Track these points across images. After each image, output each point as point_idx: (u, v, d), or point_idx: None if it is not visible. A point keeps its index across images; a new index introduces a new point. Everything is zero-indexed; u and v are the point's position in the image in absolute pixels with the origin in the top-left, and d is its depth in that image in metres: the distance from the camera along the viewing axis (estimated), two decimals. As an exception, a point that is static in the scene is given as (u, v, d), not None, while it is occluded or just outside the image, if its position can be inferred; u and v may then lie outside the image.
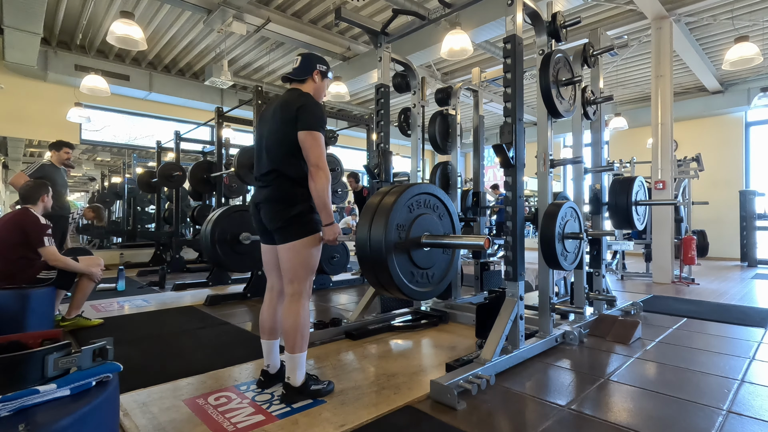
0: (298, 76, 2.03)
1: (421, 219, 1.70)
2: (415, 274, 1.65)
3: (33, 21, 5.35)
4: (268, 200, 1.94)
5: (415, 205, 1.70)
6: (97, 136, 8.01)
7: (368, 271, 1.62)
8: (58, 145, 4.51)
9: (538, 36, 2.83)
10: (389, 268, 1.56)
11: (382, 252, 1.54)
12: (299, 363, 1.92)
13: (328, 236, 1.92)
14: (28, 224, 2.87)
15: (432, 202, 1.78)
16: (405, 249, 1.61)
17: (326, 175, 1.87)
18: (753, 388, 2.14)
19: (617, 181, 3.43)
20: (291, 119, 1.89)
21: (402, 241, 1.60)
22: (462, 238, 1.68)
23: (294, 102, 1.92)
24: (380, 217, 1.61)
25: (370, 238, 1.59)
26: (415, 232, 1.67)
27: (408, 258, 1.63)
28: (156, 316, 3.72)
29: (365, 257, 1.60)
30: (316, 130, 1.88)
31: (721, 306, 4.13)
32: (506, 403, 1.97)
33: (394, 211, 1.61)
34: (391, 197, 1.66)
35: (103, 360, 1.22)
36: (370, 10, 5.97)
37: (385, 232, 1.57)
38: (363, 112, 10.36)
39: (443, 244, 1.66)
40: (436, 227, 1.76)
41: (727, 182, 8.78)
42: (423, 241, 1.66)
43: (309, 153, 1.88)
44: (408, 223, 1.64)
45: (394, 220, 1.60)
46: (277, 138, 1.94)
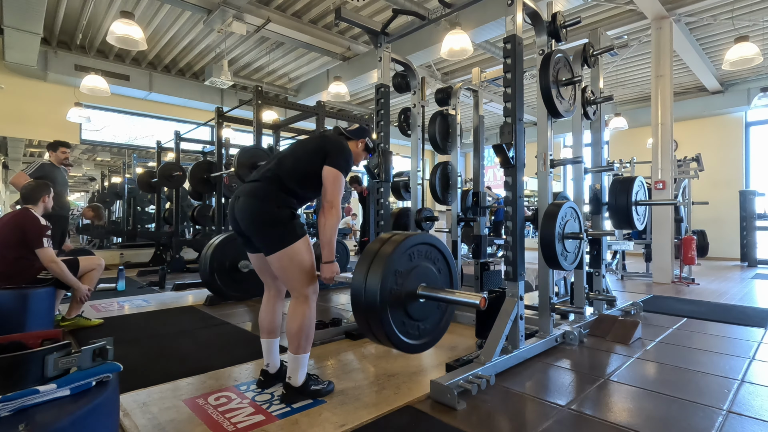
0: (349, 134, 2.22)
1: (419, 269, 1.64)
2: (407, 324, 1.56)
3: (33, 21, 5.35)
4: (249, 194, 1.91)
5: (415, 255, 1.64)
6: (97, 136, 8.01)
7: (361, 319, 1.56)
8: (55, 145, 4.52)
9: (538, 36, 2.82)
10: (382, 318, 1.49)
11: (377, 301, 1.47)
12: (302, 364, 1.92)
13: (326, 274, 1.93)
14: (27, 224, 2.87)
15: (433, 254, 1.71)
16: (400, 299, 1.54)
17: (338, 215, 1.90)
18: (753, 388, 2.14)
19: (617, 181, 3.43)
20: (322, 152, 1.97)
21: (398, 290, 1.53)
22: (458, 295, 1.57)
23: (333, 141, 2.04)
24: (378, 264, 1.55)
25: (366, 286, 1.51)
26: (411, 282, 1.61)
27: (402, 309, 1.56)
28: (156, 316, 3.72)
29: (359, 305, 1.53)
30: (341, 171, 1.95)
31: (721, 306, 4.13)
32: (506, 403, 1.97)
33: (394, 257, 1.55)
34: (392, 245, 1.60)
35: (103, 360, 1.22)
36: (370, 10, 5.97)
37: (382, 280, 1.50)
38: (363, 112, 10.35)
39: (439, 298, 1.58)
40: (434, 279, 1.69)
41: (727, 182, 8.78)
42: (419, 292, 1.60)
43: (328, 189, 1.92)
44: (406, 271, 1.57)
45: (393, 266, 1.54)
46: (297, 159, 1.99)
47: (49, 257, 2.89)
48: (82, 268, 3.17)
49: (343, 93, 6.40)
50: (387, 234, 1.71)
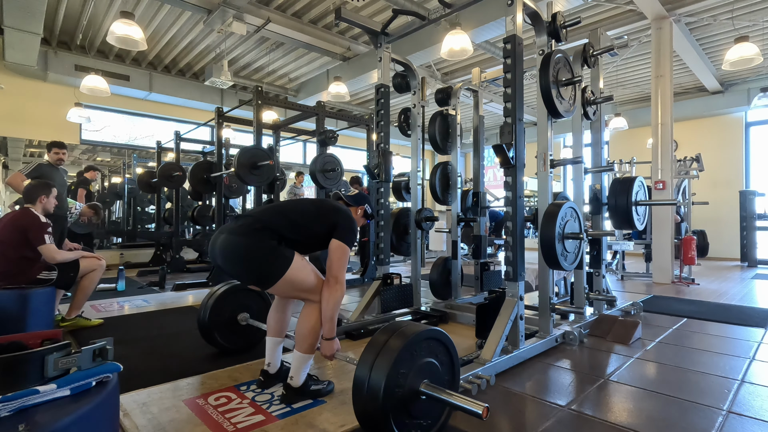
0: (349, 201, 2.23)
1: (423, 364, 1.58)
2: (408, 425, 1.52)
3: (33, 21, 5.35)
4: (232, 231, 1.83)
5: (419, 350, 1.58)
6: (97, 136, 8.01)
7: (362, 414, 1.53)
8: (49, 146, 4.53)
9: (538, 36, 2.83)
10: (385, 420, 1.44)
11: (379, 402, 1.43)
12: (306, 364, 1.93)
13: (326, 351, 1.91)
14: (27, 223, 2.88)
15: (436, 348, 1.65)
16: (402, 398, 1.50)
17: (342, 291, 1.89)
18: (753, 388, 2.14)
19: (617, 181, 3.43)
20: (332, 221, 1.96)
21: (400, 390, 1.49)
22: (459, 400, 1.50)
23: (344, 213, 2.03)
24: (385, 359, 1.49)
25: (369, 381, 1.47)
26: (415, 379, 1.54)
27: (404, 408, 1.51)
28: (156, 316, 3.72)
29: (360, 399, 1.52)
30: (348, 245, 1.95)
31: (721, 306, 4.13)
32: (506, 403, 1.97)
33: (399, 357, 1.49)
34: (398, 341, 1.53)
35: (103, 360, 1.22)
36: (370, 10, 5.97)
37: (387, 378, 1.45)
38: (363, 112, 10.35)
39: (440, 399, 1.53)
40: (437, 375, 1.63)
41: (727, 182, 8.78)
42: (421, 389, 1.54)
43: (333, 263, 1.89)
44: (409, 370, 1.52)
45: (398, 368, 1.49)
46: (302, 214, 1.96)
47: (53, 253, 2.94)
48: (83, 268, 3.16)
49: (343, 93, 6.40)
50: (394, 325, 1.64)
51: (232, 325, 2.59)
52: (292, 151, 10.63)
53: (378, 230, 3.45)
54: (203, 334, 2.56)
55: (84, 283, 3.21)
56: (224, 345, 2.59)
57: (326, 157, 5.37)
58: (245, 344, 2.66)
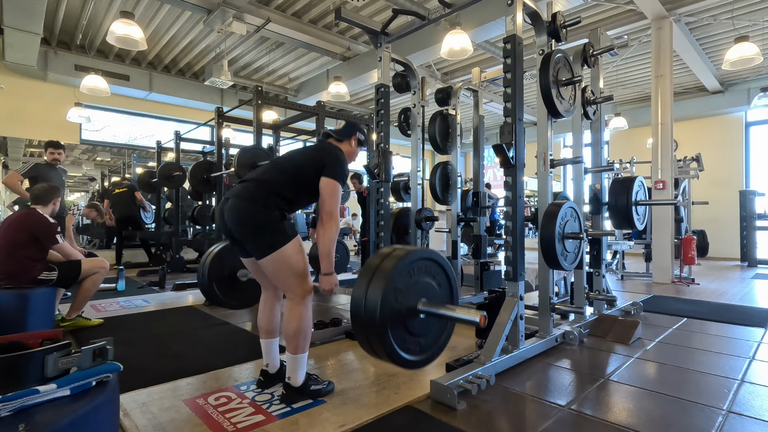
0: (338, 135, 2.15)
1: (419, 284, 1.61)
2: (407, 341, 1.55)
3: (33, 21, 5.35)
4: (237, 195, 1.88)
5: (416, 270, 1.61)
6: (97, 136, 8.01)
7: (360, 335, 1.55)
8: (45, 146, 4.55)
9: (538, 36, 2.82)
10: (382, 335, 1.48)
11: (376, 318, 1.46)
12: (301, 364, 1.92)
13: (325, 286, 1.92)
14: (37, 225, 2.90)
15: (433, 269, 1.68)
16: (400, 315, 1.53)
17: (337, 227, 1.89)
18: (753, 388, 2.14)
19: (617, 181, 3.43)
20: (318, 161, 1.95)
21: (398, 305, 1.51)
22: (458, 311, 1.55)
23: (327, 149, 2.02)
24: (379, 279, 1.53)
25: (366, 301, 1.50)
26: (412, 298, 1.59)
27: (402, 325, 1.55)
28: (156, 316, 3.72)
29: (359, 320, 1.52)
30: (338, 181, 1.94)
31: (721, 306, 4.12)
32: (506, 403, 1.97)
33: (394, 275, 1.53)
34: (392, 260, 1.57)
35: (103, 360, 1.22)
36: (370, 10, 5.97)
37: (383, 297, 1.49)
38: (363, 112, 10.36)
39: (439, 314, 1.54)
40: (435, 294, 1.67)
41: (727, 182, 8.78)
42: (419, 308, 1.58)
43: (326, 200, 1.91)
44: (406, 287, 1.55)
45: (394, 284, 1.52)
46: (294, 167, 1.97)
47: (67, 250, 3.04)
48: (85, 270, 3.14)
49: (343, 93, 6.40)
50: (387, 249, 1.67)
51: (233, 282, 2.58)
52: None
53: (378, 230, 3.45)
54: (204, 293, 2.55)
55: (86, 285, 3.20)
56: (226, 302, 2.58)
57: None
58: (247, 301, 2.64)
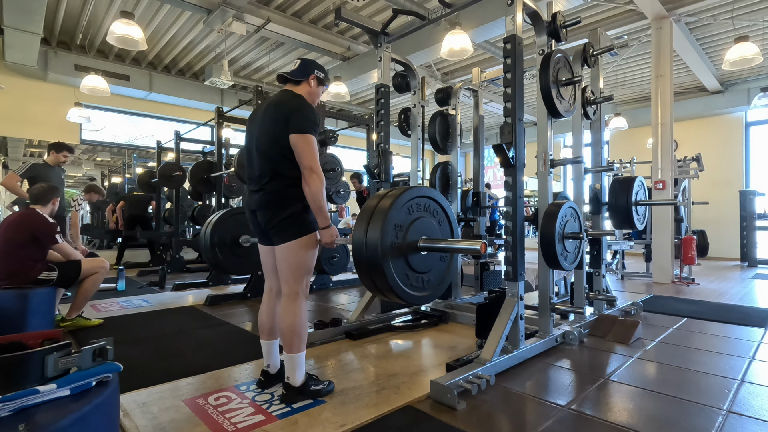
0: (294, 77, 2.01)
1: (419, 222, 1.64)
2: (410, 277, 1.58)
3: (33, 21, 5.35)
4: (263, 206, 1.92)
5: (414, 208, 1.65)
6: (97, 136, 8.01)
7: (364, 274, 1.57)
8: (59, 147, 4.48)
9: (538, 36, 2.82)
10: (385, 270, 1.49)
11: (378, 254, 1.48)
12: (298, 363, 1.92)
13: (325, 239, 1.91)
14: (37, 225, 2.90)
15: (432, 207, 1.72)
16: (402, 252, 1.55)
17: (320, 178, 1.83)
18: (753, 388, 2.14)
19: (617, 181, 3.43)
20: (282, 120, 1.86)
21: (399, 243, 1.53)
22: (458, 243, 1.61)
23: (286, 103, 1.90)
24: (378, 217, 1.56)
25: (367, 240, 1.53)
26: (412, 235, 1.62)
27: (404, 261, 1.57)
28: (156, 316, 3.72)
29: (361, 259, 1.55)
30: (308, 132, 1.84)
31: (721, 306, 4.12)
32: (506, 403, 1.97)
33: (393, 211, 1.56)
34: (389, 199, 1.61)
35: (103, 360, 1.22)
36: (370, 10, 5.97)
37: (382, 234, 1.51)
38: (363, 112, 10.36)
39: (440, 248, 1.60)
40: (434, 232, 1.70)
41: (727, 182, 8.78)
42: (420, 245, 1.61)
43: (301, 156, 1.84)
44: (406, 224, 1.58)
45: (392, 220, 1.55)
46: (268, 139, 1.91)
47: (66, 250, 3.05)
48: (85, 270, 3.15)
49: (343, 93, 6.40)
50: (384, 190, 1.71)
51: (235, 248, 2.58)
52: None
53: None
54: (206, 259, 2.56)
55: (86, 285, 3.20)
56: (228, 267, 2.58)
57: (326, 157, 5.37)
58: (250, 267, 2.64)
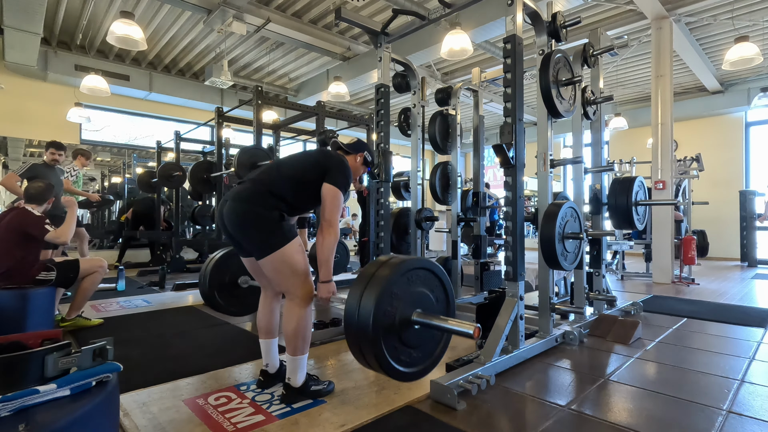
0: (348, 149, 2.21)
1: (416, 294, 1.57)
2: (399, 351, 1.51)
3: (33, 21, 5.35)
4: (235, 197, 1.87)
5: (413, 279, 1.58)
6: (97, 136, 8.01)
7: (352, 342, 1.49)
8: (47, 146, 4.54)
9: (538, 36, 2.82)
10: (374, 340, 1.43)
11: (370, 321, 1.41)
12: (300, 365, 1.92)
13: (323, 293, 1.91)
14: (25, 222, 2.89)
15: (430, 281, 1.64)
16: (394, 323, 1.48)
17: (336, 234, 1.89)
18: (753, 388, 2.14)
19: (617, 181, 3.43)
20: (323, 168, 1.96)
21: (393, 313, 1.47)
22: (452, 323, 1.51)
23: (335, 157, 2.03)
24: (375, 284, 1.49)
25: (360, 305, 1.46)
26: (407, 307, 1.54)
27: (396, 333, 1.50)
28: (156, 316, 3.72)
29: (351, 326, 1.47)
30: (340, 190, 1.94)
31: (721, 306, 4.12)
32: (506, 403, 1.97)
33: (391, 279, 1.49)
34: (389, 268, 1.53)
35: (103, 360, 1.22)
36: (370, 10, 5.96)
37: (377, 302, 1.44)
38: (363, 112, 10.35)
39: (433, 325, 1.51)
40: (431, 306, 1.62)
41: (727, 182, 8.78)
42: (414, 318, 1.53)
43: (326, 207, 1.90)
44: (402, 295, 1.52)
45: (390, 287, 1.47)
46: (298, 168, 1.98)
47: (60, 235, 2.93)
48: (83, 270, 3.14)
49: (343, 93, 6.40)
50: (384, 257, 1.65)
51: (234, 289, 2.59)
52: (292, 151, 10.63)
53: (378, 230, 3.45)
54: (205, 300, 2.56)
55: (85, 285, 3.20)
56: (227, 308, 2.58)
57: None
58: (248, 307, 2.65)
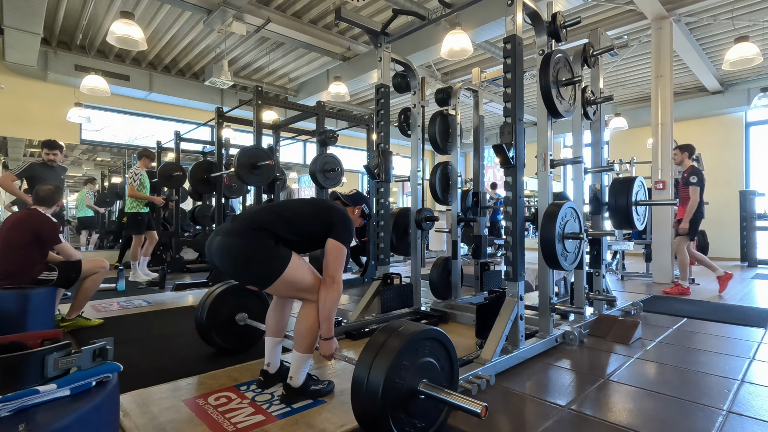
0: (347, 201, 2.25)
1: (423, 364, 1.57)
2: (404, 421, 1.51)
3: (33, 21, 5.35)
4: (227, 233, 1.84)
5: (421, 348, 1.58)
6: (97, 136, 8.00)
7: (360, 413, 1.47)
8: (41, 146, 4.52)
9: (538, 36, 2.82)
10: (382, 416, 1.43)
11: (378, 398, 1.42)
12: (305, 364, 1.93)
13: (324, 351, 1.90)
14: (41, 225, 2.90)
15: (437, 350, 1.64)
16: (401, 395, 1.49)
17: (339, 289, 1.88)
18: (753, 388, 2.14)
19: (617, 181, 3.43)
20: (327, 221, 1.95)
21: (401, 384, 1.48)
22: (459, 399, 1.49)
23: (340, 211, 2.02)
24: (384, 356, 1.48)
25: (368, 379, 1.46)
26: (414, 377, 1.54)
27: (402, 404, 1.50)
28: (156, 316, 3.72)
29: (359, 396, 1.47)
30: (344, 245, 1.94)
31: (721, 306, 4.13)
32: (506, 403, 1.97)
33: (401, 352, 1.49)
34: (398, 340, 1.53)
35: (103, 360, 1.22)
36: (370, 10, 5.96)
37: (386, 376, 1.44)
38: (363, 112, 10.35)
39: (440, 399, 1.51)
40: (437, 376, 1.62)
41: (727, 182, 8.77)
42: (420, 389, 1.53)
43: (330, 263, 1.89)
44: (410, 366, 1.52)
45: (400, 360, 1.48)
46: (299, 216, 1.95)
47: (68, 250, 3.04)
48: (85, 270, 3.15)
49: (343, 93, 6.40)
50: (396, 323, 1.63)
51: (230, 325, 2.59)
52: (292, 151, 10.63)
53: (378, 230, 3.45)
54: (201, 334, 2.56)
55: (86, 285, 3.21)
56: (222, 345, 2.59)
57: (326, 157, 5.37)
58: (243, 344, 2.67)
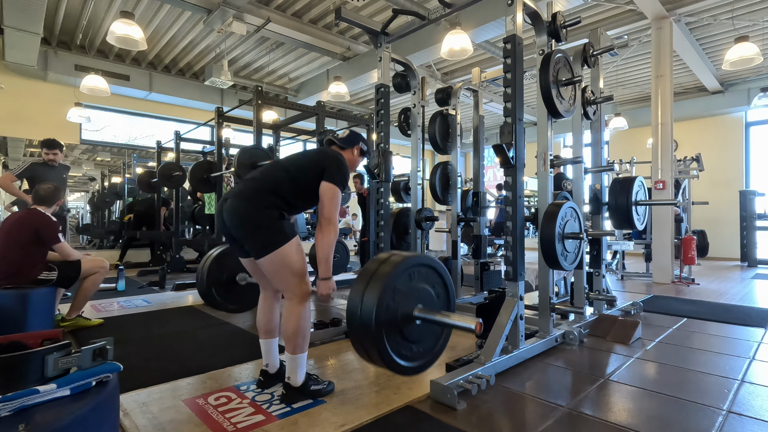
0: (342, 143, 2.17)
1: (417, 290, 1.60)
2: (400, 345, 1.54)
3: (33, 21, 5.35)
4: (236, 195, 1.89)
5: (414, 275, 1.60)
6: (97, 136, 8.01)
7: (355, 335, 1.52)
8: (40, 145, 4.51)
9: (538, 36, 2.82)
10: (377, 336, 1.46)
11: (372, 318, 1.44)
12: (300, 364, 1.92)
13: (322, 290, 1.91)
14: (40, 224, 2.91)
15: (432, 277, 1.67)
16: (396, 319, 1.51)
17: (335, 231, 1.89)
18: (753, 388, 2.14)
19: (617, 181, 3.43)
20: (320, 165, 1.96)
21: (395, 308, 1.50)
22: (453, 318, 1.53)
23: (330, 154, 2.03)
24: (377, 281, 1.51)
25: (362, 302, 1.48)
26: (409, 302, 1.57)
27: (398, 329, 1.53)
28: (156, 316, 3.72)
29: (354, 321, 1.48)
30: (339, 186, 1.95)
31: (721, 306, 4.12)
32: (506, 403, 1.97)
33: (393, 275, 1.51)
34: (390, 265, 1.55)
35: (103, 360, 1.22)
36: (370, 10, 5.97)
37: (380, 295, 1.46)
38: (363, 112, 10.35)
39: (434, 320, 1.54)
40: (432, 302, 1.65)
41: (727, 182, 8.78)
42: (415, 314, 1.56)
43: (325, 205, 1.90)
44: (404, 291, 1.54)
45: (392, 283, 1.50)
46: (296, 168, 1.98)
47: (67, 250, 3.04)
48: (85, 270, 3.15)
49: (343, 93, 6.40)
50: (385, 254, 1.66)
51: (231, 285, 2.59)
52: (292, 151, 10.63)
53: (378, 230, 3.45)
54: (203, 297, 2.56)
55: (86, 285, 3.21)
56: (225, 305, 2.58)
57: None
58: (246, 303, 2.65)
